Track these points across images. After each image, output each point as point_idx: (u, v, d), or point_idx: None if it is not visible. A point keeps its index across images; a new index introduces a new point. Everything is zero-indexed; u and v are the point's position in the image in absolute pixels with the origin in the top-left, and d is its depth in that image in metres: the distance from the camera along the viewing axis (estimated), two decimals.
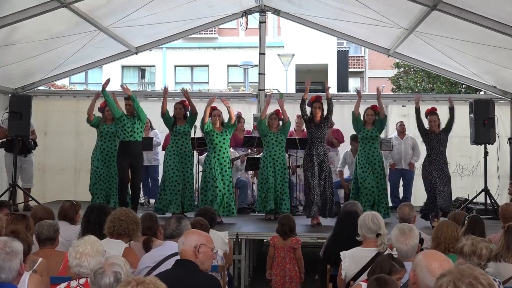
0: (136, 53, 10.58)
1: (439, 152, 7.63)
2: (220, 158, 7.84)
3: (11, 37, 7.72)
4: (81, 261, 3.26)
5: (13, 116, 8.51)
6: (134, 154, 7.93)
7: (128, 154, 7.88)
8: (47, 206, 5.57)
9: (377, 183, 7.76)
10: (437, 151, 7.63)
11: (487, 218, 8.21)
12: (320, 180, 7.55)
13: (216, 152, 7.85)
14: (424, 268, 2.77)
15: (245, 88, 20.34)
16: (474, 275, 2.16)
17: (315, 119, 7.66)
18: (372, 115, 7.89)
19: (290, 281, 5.76)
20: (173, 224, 4.12)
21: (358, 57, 31.08)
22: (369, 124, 7.87)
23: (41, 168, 10.46)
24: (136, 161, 7.97)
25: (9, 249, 2.94)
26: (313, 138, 7.64)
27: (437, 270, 2.73)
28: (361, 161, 7.85)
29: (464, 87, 17.48)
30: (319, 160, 7.58)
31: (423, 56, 10.24)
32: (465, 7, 6.92)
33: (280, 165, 7.92)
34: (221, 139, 7.86)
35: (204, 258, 3.32)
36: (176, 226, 4.10)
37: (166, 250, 3.85)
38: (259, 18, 10.30)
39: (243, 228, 7.23)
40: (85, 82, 24.13)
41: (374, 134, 7.84)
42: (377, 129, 7.90)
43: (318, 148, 7.60)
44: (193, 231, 3.52)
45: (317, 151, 7.58)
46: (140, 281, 2.35)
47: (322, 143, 7.65)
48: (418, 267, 2.81)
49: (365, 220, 4.20)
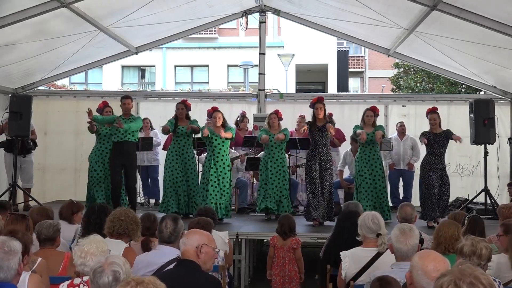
0: (136, 53, 10.58)
1: (437, 153, 7.60)
2: (219, 160, 7.79)
3: (11, 37, 7.72)
4: (85, 260, 3.28)
5: (13, 116, 8.51)
6: (127, 154, 7.87)
7: (121, 154, 7.85)
8: (47, 206, 5.57)
9: (375, 187, 7.69)
10: (436, 152, 7.61)
11: (487, 218, 8.22)
12: (322, 184, 7.49)
13: (214, 154, 7.81)
14: (419, 270, 2.77)
15: (245, 88, 20.33)
16: (475, 274, 2.16)
17: (318, 118, 7.61)
18: (372, 116, 7.79)
19: (290, 281, 5.75)
20: (170, 226, 3.88)
21: (358, 57, 31.07)
22: (368, 127, 7.77)
23: (41, 168, 10.46)
24: (128, 161, 7.90)
25: (7, 248, 2.95)
26: (316, 141, 7.58)
27: (431, 271, 2.73)
28: (359, 164, 7.80)
29: (464, 87, 17.47)
30: (322, 164, 7.52)
31: (423, 56, 10.24)
32: (465, 7, 6.92)
33: (279, 166, 7.90)
34: (220, 142, 7.81)
35: (206, 258, 3.31)
36: (174, 228, 3.86)
37: (162, 256, 3.68)
38: (259, 18, 10.30)
39: (243, 228, 7.23)
40: (85, 82, 24.13)
41: (370, 138, 7.73)
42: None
43: (321, 151, 7.55)
44: (194, 231, 3.48)
45: (320, 155, 7.53)
46: (139, 281, 2.34)
47: (325, 146, 7.58)
48: (414, 269, 2.81)
49: (365, 220, 4.20)
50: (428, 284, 2.72)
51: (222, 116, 7.93)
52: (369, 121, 7.78)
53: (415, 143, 9.56)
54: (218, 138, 7.80)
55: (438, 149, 7.61)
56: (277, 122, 8.04)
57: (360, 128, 7.75)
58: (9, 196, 8.78)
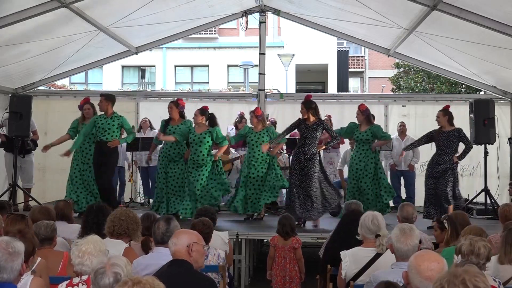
0: (136, 53, 10.57)
1: (440, 152, 7.54)
2: (195, 157, 7.61)
3: (11, 37, 7.72)
4: (83, 259, 3.30)
5: (13, 116, 8.51)
6: (105, 152, 7.75)
7: (98, 154, 7.81)
8: (48, 206, 5.57)
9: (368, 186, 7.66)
10: (439, 150, 7.56)
11: (487, 218, 8.22)
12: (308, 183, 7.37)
13: (192, 152, 7.69)
14: (413, 269, 2.79)
15: (245, 88, 20.34)
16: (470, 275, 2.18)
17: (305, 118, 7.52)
18: (359, 114, 7.84)
19: (291, 281, 5.76)
20: (162, 227, 3.95)
21: (358, 57, 31.07)
22: (362, 126, 7.81)
23: (41, 168, 10.44)
24: (104, 159, 7.76)
25: (12, 250, 2.94)
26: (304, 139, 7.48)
27: (424, 270, 2.74)
28: (352, 163, 7.83)
29: (464, 87, 17.46)
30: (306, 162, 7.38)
31: (423, 56, 10.24)
32: (465, 7, 6.91)
33: (259, 167, 7.83)
34: (198, 141, 7.61)
35: (198, 256, 3.34)
36: (166, 229, 3.92)
37: (159, 258, 3.70)
38: (259, 18, 10.29)
39: (243, 228, 7.23)
40: (85, 82, 24.14)
41: (365, 137, 7.73)
42: (370, 133, 7.75)
43: (307, 149, 7.40)
44: (182, 231, 3.50)
45: (304, 153, 7.40)
46: (137, 281, 2.35)
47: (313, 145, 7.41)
48: (409, 268, 2.83)
49: (365, 221, 4.21)
50: (421, 282, 2.73)
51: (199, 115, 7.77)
52: (358, 119, 7.84)
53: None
54: (197, 136, 7.64)
55: (440, 146, 7.55)
56: (255, 120, 7.97)
57: (355, 126, 7.82)
58: (9, 196, 8.78)
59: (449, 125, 7.58)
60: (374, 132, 7.73)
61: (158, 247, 3.94)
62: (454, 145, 7.51)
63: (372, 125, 7.83)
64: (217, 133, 7.67)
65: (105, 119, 7.85)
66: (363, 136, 7.72)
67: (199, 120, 7.71)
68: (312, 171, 7.36)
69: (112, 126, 7.82)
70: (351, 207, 5.59)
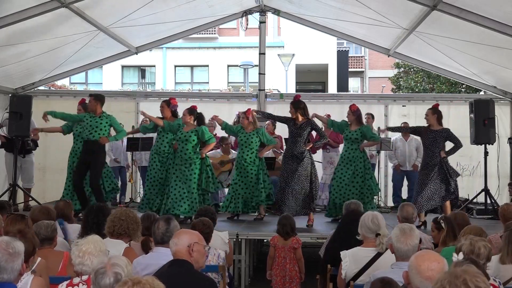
0: (136, 53, 10.58)
1: (427, 151, 7.56)
2: (182, 154, 7.70)
3: (11, 37, 7.72)
4: (84, 259, 3.30)
5: (13, 116, 8.51)
6: (91, 152, 7.72)
7: (85, 152, 7.80)
8: (48, 206, 5.57)
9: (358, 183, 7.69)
10: (426, 150, 7.59)
11: (487, 218, 8.23)
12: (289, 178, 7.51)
13: (179, 149, 7.79)
14: (414, 269, 2.79)
15: (245, 88, 20.35)
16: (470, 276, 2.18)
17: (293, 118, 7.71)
18: (349, 114, 7.89)
19: (290, 281, 5.76)
20: (162, 227, 3.94)
21: (358, 57, 31.06)
22: (352, 125, 7.85)
23: (41, 168, 10.45)
24: (92, 159, 7.72)
25: (12, 250, 2.95)
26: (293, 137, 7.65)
27: (424, 270, 2.74)
28: (340, 162, 7.89)
29: (464, 87, 17.47)
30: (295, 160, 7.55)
31: (423, 56, 10.24)
32: (465, 7, 6.91)
33: (248, 167, 7.87)
34: (184, 139, 7.68)
35: (198, 256, 3.34)
36: (166, 229, 3.91)
37: (159, 258, 3.69)
38: (259, 18, 10.31)
39: (243, 228, 7.23)
40: (85, 82, 24.14)
41: (354, 137, 7.75)
42: (360, 132, 7.77)
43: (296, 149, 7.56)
44: (183, 231, 3.49)
45: (292, 152, 7.58)
46: (136, 281, 2.34)
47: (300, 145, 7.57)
48: (409, 268, 2.83)
49: (365, 220, 4.21)
50: (421, 282, 2.73)
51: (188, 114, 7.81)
52: (349, 119, 7.90)
53: (419, 144, 9.53)
54: (183, 134, 7.73)
55: (427, 146, 7.58)
56: (246, 121, 8.01)
57: (346, 124, 7.89)
58: (9, 196, 8.78)
59: (438, 124, 7.63)
60: (364, 132, 7.80)
61: (158, 247, 3.94)
62: (441, 144, 7.56)
63: (362, 125, 7.91)
64: (203, 132, 7.76)
65: (93, 118, 7.81)
66: (353, 135, 7.79)
67: (187, 119, 7.80)
68: (301, 168, 7.53)
69: (100, 125, 7.77)
70: (351, 207, 5.59)
